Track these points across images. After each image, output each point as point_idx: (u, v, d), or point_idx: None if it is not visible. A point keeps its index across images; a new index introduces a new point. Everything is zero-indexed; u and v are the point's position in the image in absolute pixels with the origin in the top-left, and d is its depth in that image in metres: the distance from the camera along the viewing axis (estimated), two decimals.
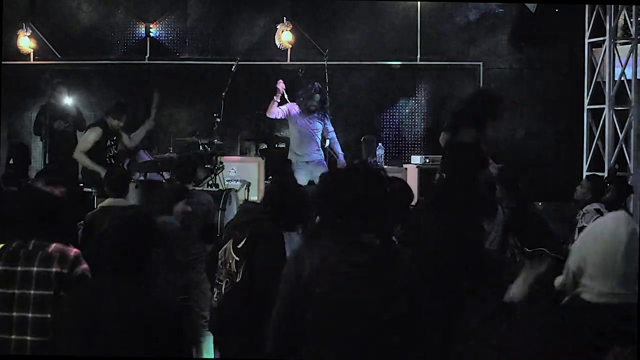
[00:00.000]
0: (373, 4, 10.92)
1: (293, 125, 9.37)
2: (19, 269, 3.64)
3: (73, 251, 3.76)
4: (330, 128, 9.48)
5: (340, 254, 2.98)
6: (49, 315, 3.59)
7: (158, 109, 9.05)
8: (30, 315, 3.58)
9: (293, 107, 9.36)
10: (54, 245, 3.71)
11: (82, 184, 8.59)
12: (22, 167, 9.40)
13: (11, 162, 9.59)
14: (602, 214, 6.60)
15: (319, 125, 9.36)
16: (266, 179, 9.11)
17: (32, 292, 3.61)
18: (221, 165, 8.74)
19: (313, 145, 9.33)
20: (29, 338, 3.60)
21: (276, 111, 9.33)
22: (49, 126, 9.40)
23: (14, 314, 3.61)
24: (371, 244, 3.00)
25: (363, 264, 2.96)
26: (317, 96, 9.29)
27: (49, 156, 9.29)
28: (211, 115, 9.64)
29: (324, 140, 9.48)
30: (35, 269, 3.63)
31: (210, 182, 8.56)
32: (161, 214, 5.63)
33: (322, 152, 9.42)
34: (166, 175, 8.06)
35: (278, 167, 8.77)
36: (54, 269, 3.64)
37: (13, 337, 3.61)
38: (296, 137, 9.37)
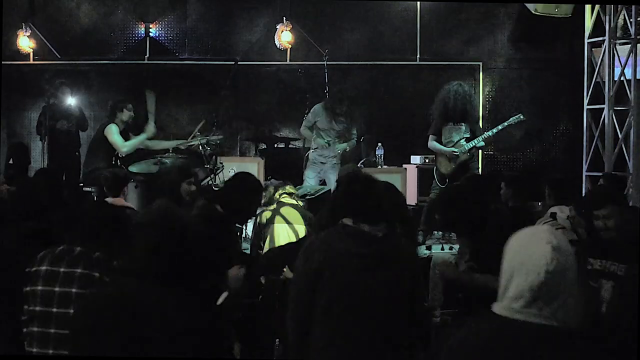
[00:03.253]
0: (373, 4, 10.91)
1: (317, 125, 9.30)
2: (62, 270, 3.83)
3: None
4: (354, 132, 9.42)
5: None
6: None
7: (155, 113, 8.98)
8: (71, 311, 3.73)
9: (318, 110, 9.32)
10: (97, 253, 3.88)
11: (82, 184, 8.60)
12: (22, 167, 9.41)
13: (11, 162, 9.58)
14: (554, 218, 6.36)
15: (341, 129, 9.30)
16: (266, 179, 9.09)
17: (73, 290, 3.78)
18: (221, 165, 8.73)
19: (332, 148, 9.24)
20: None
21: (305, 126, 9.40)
22: (51, 126, 9.39)
23: (54, 309, 3.79)
24: None
25: None
26: (346, 102, 9.29)
27: (50, 156, 9.28)
28: (211, 115, 9.64)
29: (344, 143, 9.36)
30: (79, 270, 3.81)
31: (210, 182, 8.56)
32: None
33: (338, 155, 9.30)
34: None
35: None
36: (96, 274, 3.81)
37: (52, 330, 3.79)
38: (318, 138, 9.31)
